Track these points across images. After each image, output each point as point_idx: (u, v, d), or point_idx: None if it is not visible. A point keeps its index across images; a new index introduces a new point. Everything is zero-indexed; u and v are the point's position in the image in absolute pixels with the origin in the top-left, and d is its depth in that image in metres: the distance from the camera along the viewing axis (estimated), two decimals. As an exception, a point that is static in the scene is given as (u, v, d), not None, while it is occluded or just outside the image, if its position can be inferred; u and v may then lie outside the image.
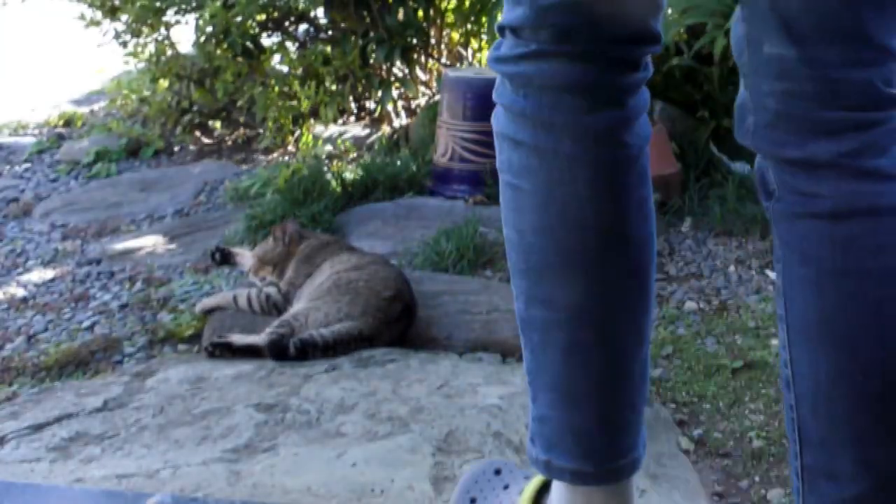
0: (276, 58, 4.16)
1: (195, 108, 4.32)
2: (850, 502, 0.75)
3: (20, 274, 2.77)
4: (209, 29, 3.81)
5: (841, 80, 0.70)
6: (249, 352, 1.86)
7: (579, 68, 0.75)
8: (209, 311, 2.18)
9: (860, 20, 0.69)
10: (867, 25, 0.69)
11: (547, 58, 0.75)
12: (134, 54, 4.17)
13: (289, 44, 4.17)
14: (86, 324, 2.31)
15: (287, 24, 4.11)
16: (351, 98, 4.15)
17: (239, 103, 4.16)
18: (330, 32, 4.13)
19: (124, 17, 4.05)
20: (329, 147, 3.87)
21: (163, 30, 4.09)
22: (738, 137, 0.78)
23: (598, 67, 0.75)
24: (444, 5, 3.90)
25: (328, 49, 3.98)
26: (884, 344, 0.71)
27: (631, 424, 0.88)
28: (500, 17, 0.81)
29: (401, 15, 3.79)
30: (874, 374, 0.71)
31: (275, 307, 2.09)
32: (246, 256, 2.36)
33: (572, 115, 0.76)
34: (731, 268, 2.43)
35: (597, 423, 0.85)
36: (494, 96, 0.82)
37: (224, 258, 2.41)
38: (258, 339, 1.87)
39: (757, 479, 1.52)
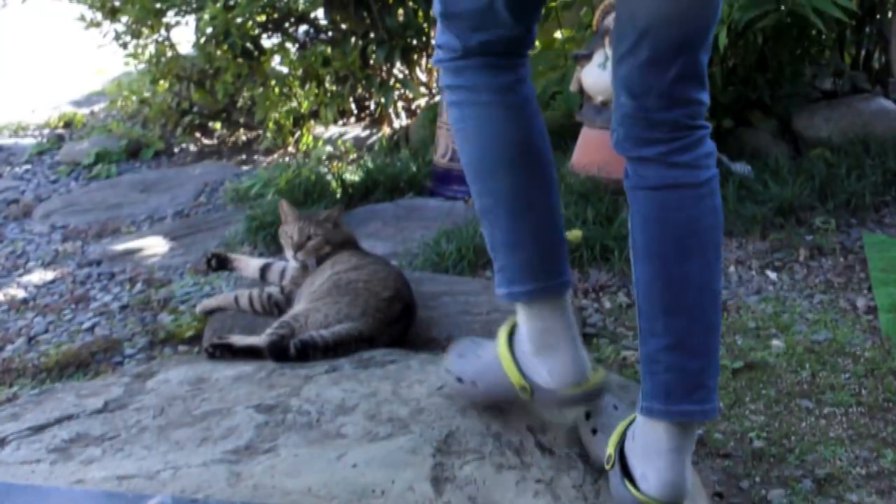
0: (277, 59, 4.17)
1: (195, 109, 4.32)
2: (662, 350, 1.28)
3: (21, 275, 2.77)
4: (209, 30, 3.81)
5: (659, 119, 1.25)
6: (250, 353, 1.86)
7: (489, 59, 1.34)
8: (210, 312, 2.18)
9: (670, 87, 1.23)
10: (673, 89, 1.23)
11: (470, 58, 1.34)
12: (134, 55, 4.18)
13: (289, 45, 4.17)
14: (86, 325, 2.31)
15: (287, 25, 4.11)
16: (351, 99, 4.16)
17: (239, 104, 4.16)
18: (330, 33, 4.13)
19: (124, 19, 4.06)
20: (329, 148, 3.88)
21: (163, 31, 4.10)
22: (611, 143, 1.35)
23: (499, 58, 1.34)
24: (443, 6, 3.90)
25: (328, 50, 3.98)
26: (670, 260, 1.28)
27: (557, 256, 1.39)
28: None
29: (401, 16, 3.79)
30: (666, 276, 1.28)
31: (276, 306, 2.08)
32: (243, 261, 2.33)
33: (487, 79, 1.34)
34: (732, 268, 2.43)
35: (537, 255, 1.38)
36: (442, 83, 1.39)
37: (220, 264, 2.34)
38: (258, 340, 1.87)
39: (757, 479, 1.52)
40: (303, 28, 4.18)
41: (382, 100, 3.89)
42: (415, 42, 3.87)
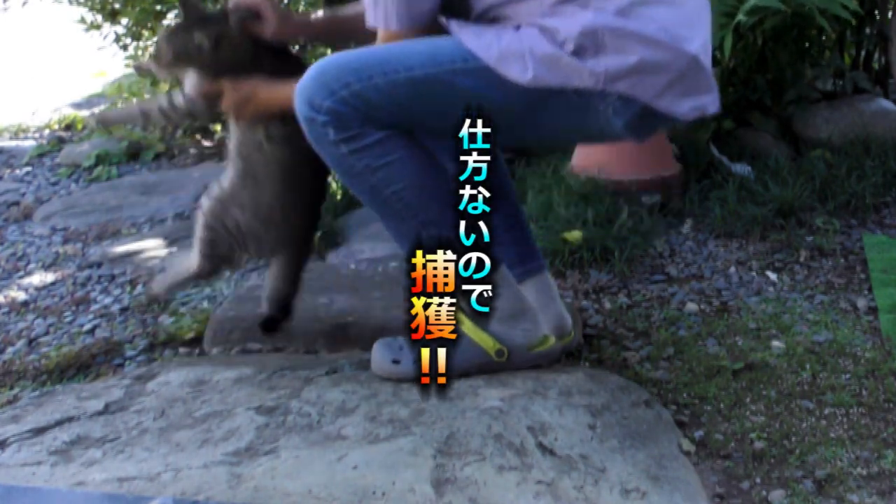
0: (277, 60, 4.16)
1: (196, 111, 4.32)
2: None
3: (21, 277, 2.77)
4: (209, 32, 3.80)
5: None
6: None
7: None
8: (109, 124, 1.99)
9: None
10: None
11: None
12: (134, 57, 4.18)
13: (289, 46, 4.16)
14: (87, 327, 2.31)
15: (287, 26, 4.10)
16: (351, 100, 4.15)
17: (239, 106, 4.15)
18: (330, 35, 4.12)
19: (125, 21, 4.06)
20: (329, 150, 3.87)
21: (163, 33, 4.10)
22: None
23: None
24: (444, 8, 3.90)
25: (328, 52, 3.98)
26: None
27: None
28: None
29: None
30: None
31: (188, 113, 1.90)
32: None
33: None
34: (732, 269, 2.43)
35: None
36: (336, 136, 1.57)
37: None
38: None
39: (758, 480, 1.52)
40: (303, 30, 4.17)
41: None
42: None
